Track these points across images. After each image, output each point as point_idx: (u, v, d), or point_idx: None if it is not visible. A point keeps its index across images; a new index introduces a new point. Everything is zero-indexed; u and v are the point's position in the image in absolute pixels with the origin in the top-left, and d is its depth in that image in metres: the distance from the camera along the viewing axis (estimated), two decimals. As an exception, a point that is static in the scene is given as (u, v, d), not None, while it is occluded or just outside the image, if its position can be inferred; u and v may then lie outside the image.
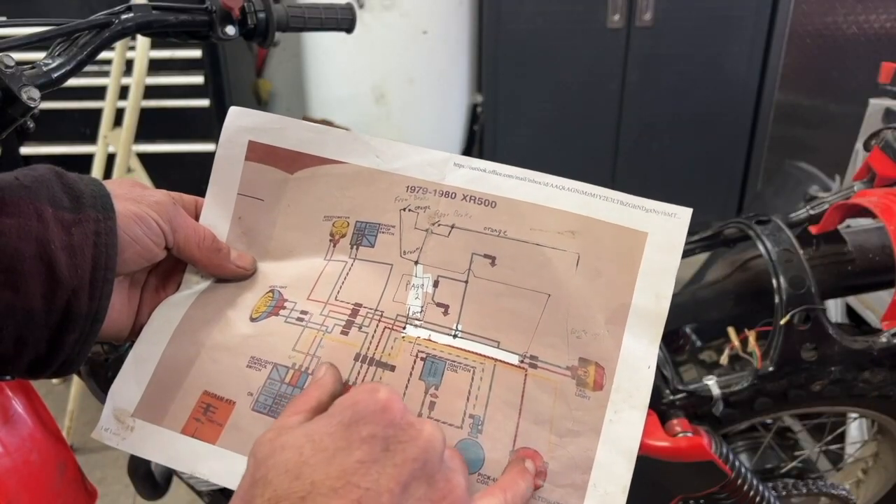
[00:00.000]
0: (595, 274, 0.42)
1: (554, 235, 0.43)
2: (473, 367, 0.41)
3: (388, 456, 0.32)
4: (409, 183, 0.46)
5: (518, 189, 0.44)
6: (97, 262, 0.38)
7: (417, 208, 0.45)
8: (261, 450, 0.33)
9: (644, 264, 0.41)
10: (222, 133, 0.48)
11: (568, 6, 2.30)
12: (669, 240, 0.41)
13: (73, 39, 0.54)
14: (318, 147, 0.47)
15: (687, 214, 0.42)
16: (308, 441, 0.33)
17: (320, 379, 0.39)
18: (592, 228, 0.42)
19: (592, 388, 0.40)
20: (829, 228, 0.86)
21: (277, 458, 0.32)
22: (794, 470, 1.03)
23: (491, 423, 0.40)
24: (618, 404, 0.40)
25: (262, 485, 0.31)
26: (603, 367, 0.40)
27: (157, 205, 0.42)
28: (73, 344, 0.39)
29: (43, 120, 0.54)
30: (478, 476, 0.39)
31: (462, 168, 0.46)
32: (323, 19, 0.76)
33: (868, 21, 2.33)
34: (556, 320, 0.42)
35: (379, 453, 0.32)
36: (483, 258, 0.43)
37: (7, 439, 0.42)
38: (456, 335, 0.42)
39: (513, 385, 0.41)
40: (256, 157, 0.48)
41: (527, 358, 0.41)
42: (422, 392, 0.41)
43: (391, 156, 0.47)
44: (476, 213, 0.44)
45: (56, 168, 0.40)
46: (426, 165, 0.46)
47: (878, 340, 0.82)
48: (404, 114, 2.40)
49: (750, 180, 2.59)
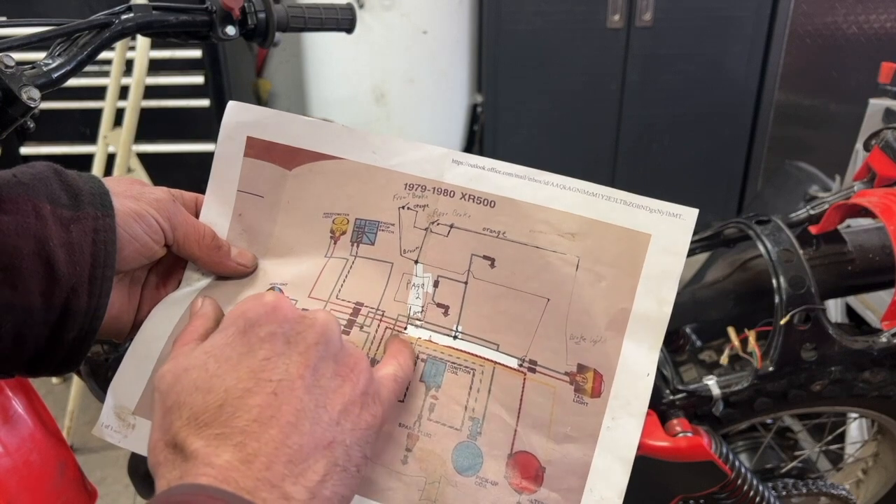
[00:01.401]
0: (595, 278, 0.41)
1: (554, 238, 0.42)
2: (473, 370, 0.41)
3: (291, 347, 0.34)
4: (408, 180, 0.45)
5: (518, 188, 0.43)
6: (96, 260, 0.38)
7: (416, 206, 0.45)
8: (163, 381, 0.34)
9: (646, 268, 0.40)
10: (221, 129, 0.48)
11: (568, 6, 2.30)
12: (674, 242, 0.40)
13: (74, 39, 0.54)
14: (314, 142, 0.47)
15: (693, 215, 0.41)
16: (209, 357, 0.33)
17: (200, 310, 0.40)
18: (594, 230, 0.42)
19: (591, 394, 0.40)
20: (829, 228, 0.86)
21: (184, 381, 0.33)
22: (794, 470, 1.03)
23: (489, 426, 0.40)
24: (616, 411, 0.39)
25: (177, 409, 0.32)
26: (601, 374, 0.40)
27: (157, 202, 0.42)
28: (73, 341, 0.39)
29: (43, 120, 0.54)
30: (475, 479, 0.39)
31: (461, 165, 0.45)
32: (323, 19, 0.76)
33: (868, 21, 2.33)
34: (556, 325, 0.41)
35: (282, 347, 0.34)
36: (482, 259, 0.43)
37: (7, 439, 0.42)
38: (456, 336, 0.42)
39: (511, 389, 0.40)
40: (255, 154, 0.48)
41: (526, 362, 0.41)
42: (422, 394, 0.41)
43: (388, 152, 0.46)
44: (475, 213, 0.44)
45: (55, 165, 0.40)
46: (424, 162, 0.45)
47: (878, 340, 0.82)
48: (404, 114, 2.40)
49: (750, 180, 2.59)
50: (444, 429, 0.40)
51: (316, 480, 0.31)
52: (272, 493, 0.29)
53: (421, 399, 0.40)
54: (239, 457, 0.30)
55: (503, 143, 2.48)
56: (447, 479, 0.39)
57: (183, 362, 0.34)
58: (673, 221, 0.41)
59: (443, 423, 0.40)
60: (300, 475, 0.31)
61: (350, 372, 0.35)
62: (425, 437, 0.40)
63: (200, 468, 0.29)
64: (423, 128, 2.45)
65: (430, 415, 0.40)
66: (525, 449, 0.39)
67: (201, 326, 0.38)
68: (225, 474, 0.29)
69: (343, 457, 0.33)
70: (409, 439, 0.40)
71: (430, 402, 0.40)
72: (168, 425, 0.32)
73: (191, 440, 0.31)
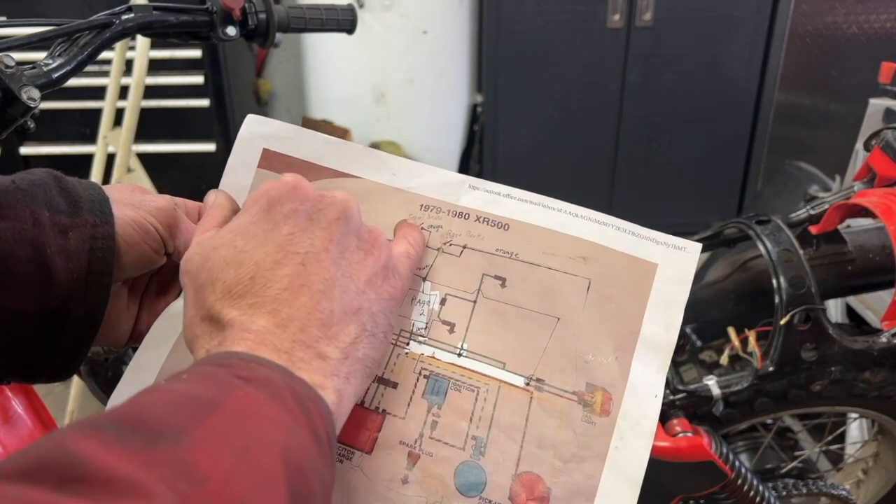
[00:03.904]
0: (605, 300, 0.42)
1: (566, 260, 0.43)
2: (478, 387, 0.41)
3: (314, 223, 0.35)
4: (424, 202, 0.46)
5: (532, 213, 0.44)
6: (93, 267, 0.38)
7: (430, 227, 0.45)
8: (191, 262, 0.35)
9: (654, 295, 0.41)
10: (237, 139, 0.47)
11: (568, 6, 2.30)
12: (679, 272, 0.42)
13: (74, 40, 0.54)
14: (333, 160, 0.47)
15: (696, 249, 0.42)
16: (236, 235, 0.35)
17: (215, 200, 0.42)
18: (604, 256, 0.42)
19: (599, 413, 0.40)
20: (829, 228, 0.86)
21: (213, 259, 0.34)
22: (794, 470, 1.03)
23: (494, 445, 0.39)
24: (624, 431, 0.39)
25: (209, 284, 0.33)
26: (610, 394, 0.40)
27: (158, 210, 0.42)
28: (68, 349, 0.39)
29: (43, 120, 0.54)
30: (479, 499, 0.38)
31: (477, 190, 0.45)
32: (323, 20, 0.76)
33: (868, 21, 2.33)
34: (565, 344, 0.41)
35: (305, 223, 0.35)
36: (493, 279, 0.43)
37: (7, 439, 0.42)
38: (461, 354, 0.42)
39: (517, 407, 0.40)
40: (269, 166, 0.47)
41: (533, 380, 0.41)
42: (424, 411, 0.40)
43: (407, 174, 0.46)
44: (488, 235, 0.44)
45: (55, 172, 0.40)
46: (441, 185, 0.46)
47: (878, 340, 0.82)
48: (404, 114, 2.40)
49: (750, 180, 2.59)
50: (446, 448, 0.39)
51: (348, 342, 0.33)
52: (307, 353, 0.31)
53: (423, 417, 0.40)
54: (274, 321, 0.32)
55: (503, 143, 2.48)
56: (449, 499, 0.38)
57: (209, 243, 0.35)
58: (678, 254, 0.42)
59: (445, 441, 0.39)
60: (333, 337, 0.33)
61: (371, 247, 0.37)
62: (426, 455, 0.39)
63: (238, 334, 0.31)
64: (423, 128, 2.45)
65: (432, 433, 0.40)
66: (531, 469, 0.39)
67: (219, 215, 0.40)
68: (262, 338, 0.31)
69: (370, 322, 0.35)
70: (409, 458, 0.39)
71: (432, 420, 0.40)
72: (202, 301, 0.33)
73: (226, 311, 0.32)
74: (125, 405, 0.25)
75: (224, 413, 0.26)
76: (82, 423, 0.23)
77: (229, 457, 0.24)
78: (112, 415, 0.24)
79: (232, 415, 0.26)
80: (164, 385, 0.28)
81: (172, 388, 0.27)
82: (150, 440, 0.23)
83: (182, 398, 0.26)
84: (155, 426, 0.24)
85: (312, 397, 0.30)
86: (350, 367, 0.33)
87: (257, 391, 0.27)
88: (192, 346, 0.34)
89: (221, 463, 0.23)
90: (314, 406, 0.29)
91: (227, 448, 0.24)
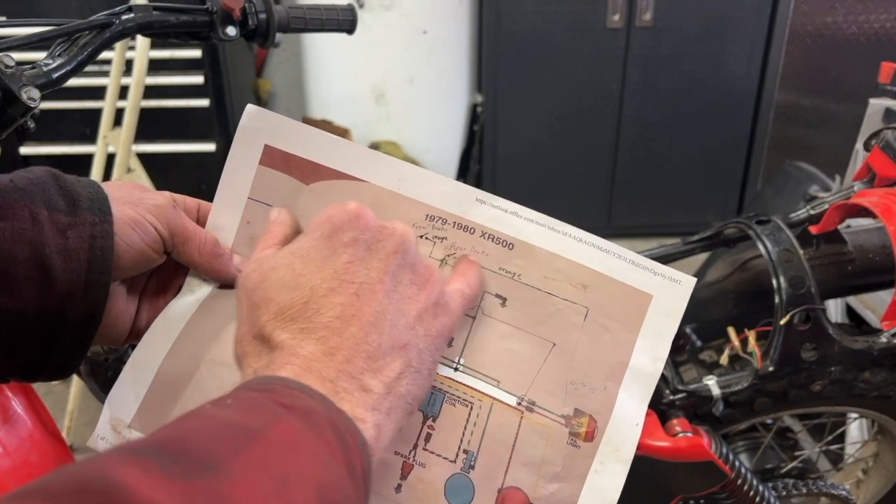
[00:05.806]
0: (602, 330, 0.43)
1: (566, 287, 0.43)
2: (471, 403, 0.42)
3: (372, 254, 0.36)
4: (429, 212, 0.45)
5: (536, 235, 0.44)
6: (92, 266, 0.38)
7: (435, 238, 0.45)
8: (250, 280, 0.36)
9: (645, 326, 0.43)
10: (237, 132, 0.46)
11: (568, 6, 2.30)
12: (671, 305, 0.43)
13: (74, 40, 0.54)
14: (339, 161, 0.46)
15: (691, 283, 0.43)
16: (296, 257, 0.35)
17: (277, 217, 0.42)
18: (603, 285, 0.43)
19: (584, 438, 0.42)
20: (829, 228, 0.86)
21: (271, 279, 0.35)
22: (794, 470, 1.03)
23: (483, 459, 0.41)
24: (605, 456, 0.41)
25: (264, 304, 0.34)
26: (596, 421, 0.42)
27: (156, 208, 0.42)
28: (68, 348, 0.39)
29: (43, 120, 0.54)
30: None
31: (484, 204, 0.45)
32: (324, 20, 0.76)
33: (868, 21, 2.33)
34: (558, 369, 0.42)
35: (363, 253, 0.36)
36: (494, 297, 0.44)
37: (7, 439, 0.42)
38: (457, 368, 0.42)
39: (508, 425, 0.42)
40: (271, 163, 0.46)
41: (525, 401, 0.42)
42: (419, 423, 0.41)
43: (414, 181, 0.46)
44: (493, 252, 0.44)
45: (53, 170, 0.40)
46: (448, 196, 0.45)
47: (878, 340, 0.82)
48: (404, 114, 2.40)
49: (750, 180, 2.59)
50: (438, 459, 0.41)
51: (392, 377, 0.34)
52: (352, 384, 0.32)
53: (417, 428, 0.41)
54: (322, 349, 0.32)
55: (503, 143, 2.48)
56: None
57: (270, 262, 0.36)
58: (673, 286, 0.43)
59: (438, 453, 0.41)
60: (378, 371, 0.33)
61: (426, 282, 0.37)
62: (419, 466, 0.41)
63: (286, 357, 0.32)
64: (423, 127, 2.45)
65: (426, 444, 0.41)
66: (515, 484, 0.41)
67: (280, 233, 0.41)
68: (308, 364, 0.32)
69: (416, 359, 0.35)
70: (403, 468, 0.41)
71: (426, 432, 0.41)
72: (255, 319, 0.34)
73: (277, 333, 0.33)
74: (169, 430, 0.26)
75: (264, 444, 0.26)
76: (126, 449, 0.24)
77: (266, 491, 0.24)
78: (155, 440, 0.25)
79: (271, 446, 0.26)
80: (209, 410, 0.28)
81: (215, 414, 0.28)
82: (190, 469, 0.23)
83: (224, 426, 0.27)
84: (196, 455, 0.24)
85: (351, 430, 0.30)
86: (392, 402, 0.34)
87: (298, 421, 0.28)
88: (241, 363, 0.35)
89: (258, 496, 0.24)
90: (352, 439, 0.30)
91: (265, 481, 0.25)
